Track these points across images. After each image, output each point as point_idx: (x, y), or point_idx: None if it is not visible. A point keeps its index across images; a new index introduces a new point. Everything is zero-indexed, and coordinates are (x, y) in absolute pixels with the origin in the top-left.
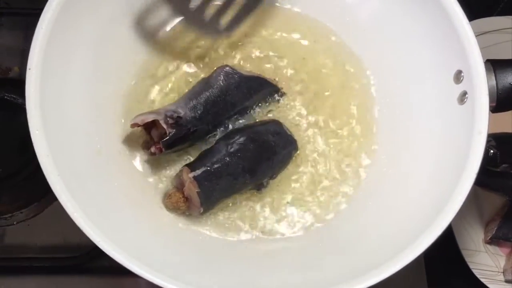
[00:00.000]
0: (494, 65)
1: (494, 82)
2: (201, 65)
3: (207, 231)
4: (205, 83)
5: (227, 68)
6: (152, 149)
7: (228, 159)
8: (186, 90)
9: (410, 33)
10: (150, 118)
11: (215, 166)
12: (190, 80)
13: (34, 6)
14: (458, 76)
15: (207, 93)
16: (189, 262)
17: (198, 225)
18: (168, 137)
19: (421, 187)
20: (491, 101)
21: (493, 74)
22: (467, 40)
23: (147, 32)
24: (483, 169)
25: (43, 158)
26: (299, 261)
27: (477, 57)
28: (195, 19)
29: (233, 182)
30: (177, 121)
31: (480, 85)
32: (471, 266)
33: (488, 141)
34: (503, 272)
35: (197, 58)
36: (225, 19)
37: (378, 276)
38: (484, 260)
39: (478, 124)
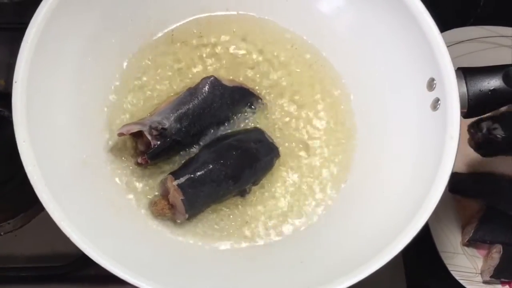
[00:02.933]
0: (465, 73)
1: (465, 89)
2: (185, 76)
3: (192, 238)
4: (191, 94)
5: (212, 78)
6: (139, 160)
7: (211, 166)
8: (172, 99)
9: (385, 44)
10: (135, 129)
11: (199, 173)
12: (175, 90)
13: (20, 21)
14: (431, 84)
15: (192, 104)
16: (174, 267)
17: (184, 232)
18: (152, 150)
19: (398, 190)
20: (462, 107)
21: (464, 81)
22: (438, 49)
23: (130, 45)
24: (458, 177)
25: (30, 168)
26: (280, 265)
27: (448, 65)
28: None
29: (217, 188)
30: (161, 133)
31: (452, 92)
32: (449, 268)
33: (494, 128)
34: (480, 273)
35: (181, 69)
36: None
37: (357, 276)
38: (462, 262)
39: (450, 129)
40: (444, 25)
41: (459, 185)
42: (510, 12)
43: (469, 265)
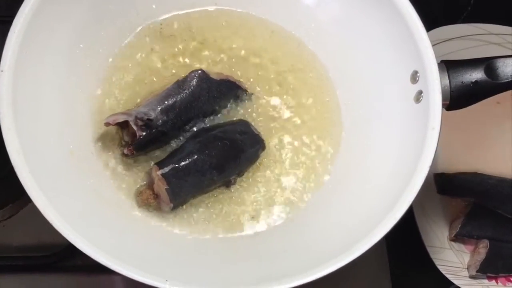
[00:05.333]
0: (448, 66)
1: (447, 81)
2: (173, 68)
3: (177, 228)
4: (178, 86)
5: (200, 72)
6: (125, 151)
7: (196, 156)
8: (159, 92)
9: (369, 37)
10: (121, 119)
11: (183, 163)
12: (163, 83)
13: (10, 14)
14: (414, 76)
15: (180, 97)
16: (160, 256)
17: (169, 222)
18: (138, 140)
19: (381, 180)
20: (444, 99)
21: (447, 74)
22: (421, 42)
23: (118, 37)
24: (446, 178)
25: (15, 155)
26: (264, 254)
27: (431, 58)
28: None
29: (201, 178)
30: (147, 124)
31: (434, 84)
32: (436, 262)
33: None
34: (467, 268)
35: (169, 62)
36: None
37: (339, 262)
38: (449, 256)
39: (432, 121)
40: (434, 22)
41: (447, 186)
42: (499, 10)
43: (455, 260)
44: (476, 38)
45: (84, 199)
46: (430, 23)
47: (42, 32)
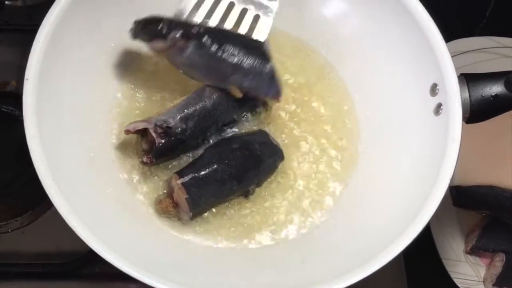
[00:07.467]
0: (467, 79)
1: (467, 95)
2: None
3: (195, 237)
4: (198, 96)
5: None
6: (144, 159)
7: (215, 166)
8: (179, 101)
9: (388, 49)
10: (141, 126)
11: (203, 172)
12: (183, 92)
13: (31, 23)
14: (434, 89)
15: (199, 106)
16: (178, 265)
17: (188, 231)
18: (157, 148)
19: (400, 193)
20: (464, 112)
21: (466, 87)
22: (441, 55)
23: (138, 47)
24: (461, 190)
25: (39, 163)
26: (282, 264)
27: (450, 71)
28: None
29: (221, 188)
30: (166, 131)
31: (454, 97)
32: (452, 275)
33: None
34: (483, 282)
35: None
36: None
37: (357, 276)
38: (465, 269)
39: (452, 133)
40: (450, 35)
41: (463, 198)
42: None
43: (471, 273)
44: (491, 51)
45: (104, 207)
46: (446, 36)
47: (66, 41)
